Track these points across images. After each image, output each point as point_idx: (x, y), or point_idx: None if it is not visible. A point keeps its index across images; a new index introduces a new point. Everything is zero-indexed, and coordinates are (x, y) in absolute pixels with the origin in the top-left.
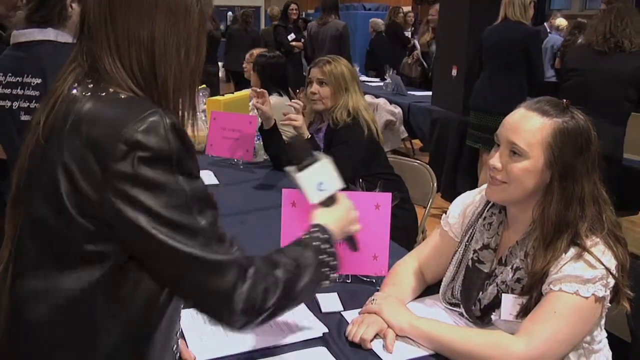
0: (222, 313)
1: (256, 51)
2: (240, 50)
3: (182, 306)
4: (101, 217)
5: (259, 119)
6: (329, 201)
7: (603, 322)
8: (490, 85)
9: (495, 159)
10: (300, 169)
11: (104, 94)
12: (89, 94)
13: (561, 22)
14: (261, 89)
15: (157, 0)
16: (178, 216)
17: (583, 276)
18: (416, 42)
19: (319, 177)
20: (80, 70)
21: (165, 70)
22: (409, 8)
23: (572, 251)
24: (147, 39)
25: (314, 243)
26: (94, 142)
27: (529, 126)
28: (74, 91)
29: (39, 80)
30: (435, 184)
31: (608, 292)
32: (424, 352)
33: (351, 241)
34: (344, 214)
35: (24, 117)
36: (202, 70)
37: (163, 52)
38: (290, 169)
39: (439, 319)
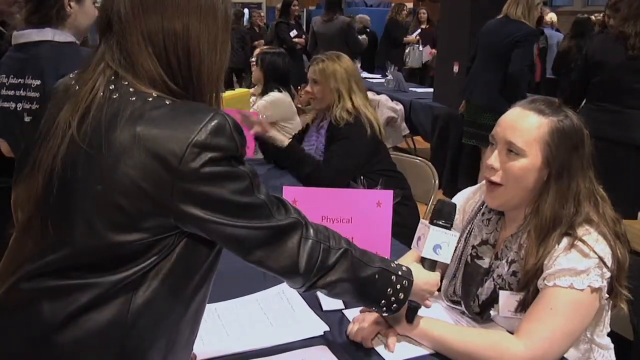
0: (287, 272)
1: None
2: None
3: (207, 298)
4: (165, 218)
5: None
6: (430, 265)
7: (608, 317)
8: (478, 76)
9: (492, 159)
10: (434, 224)
11: (150, 99)
12: (134, 98)
13: (553, 17)
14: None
15: None
16: (245, 199)
17: (576, 268)
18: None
19: (441, 241)
20: (110, 71)
21: (200, 65)
22: (411, 5)
23: (565, 241)
24: (182, 33)
25: (393, 273)
26: (159, 149)
27: (526, 125)
28: (114, 95)
29: (38, 82)
30: (437, 181)
31: (605, 282)
32: (424, 352)
33: (412, 311)
34: (430, 283)
35: (27, 119)
36: (226, 68)
37: (197, 47)
38: (425, 221)
39: (440, 318)
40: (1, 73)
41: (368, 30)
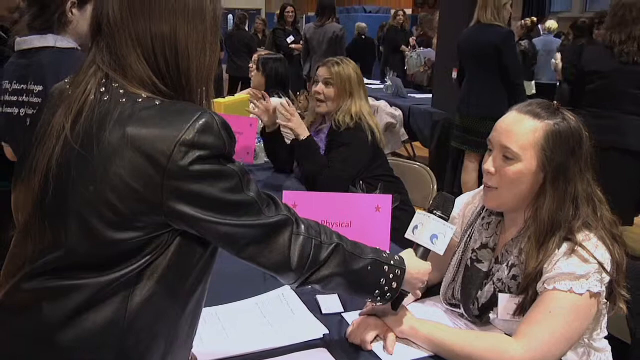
0: (280, 268)
1: (263, 53)
2: (236, 55)
3: (205, 297)
4: (156, 216)
5: (260, 121)
6: (423, 254)
7: (605, 321)
8: (470, 88)
9: (489, 164)
10: (433, 214)
11: (140, 99)
12: (124, 100)
13: (552, 24)
14: (262, 92)
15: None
16: (235, 197)
17: (576, 272)
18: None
19: (438, 232)
20: (101, 73)
21: (189, 66)
22: (410, 11)
23: (565, 247)
24: (170, 34)
25: (385, 263)
26: (148, 148)
27: (521, 129)
28: (105, 97)
29: (40, 88)
30: (435, 186)
31: (604, 287)
32: (423, 354)
33: (398, 299)
34: (422, 273)
35: (30, 124)
36: (216, 70)
37: (185, 48)
38: (423, 212)
39: (439, 321)
40: (5, 79)
41: (364, 37)
